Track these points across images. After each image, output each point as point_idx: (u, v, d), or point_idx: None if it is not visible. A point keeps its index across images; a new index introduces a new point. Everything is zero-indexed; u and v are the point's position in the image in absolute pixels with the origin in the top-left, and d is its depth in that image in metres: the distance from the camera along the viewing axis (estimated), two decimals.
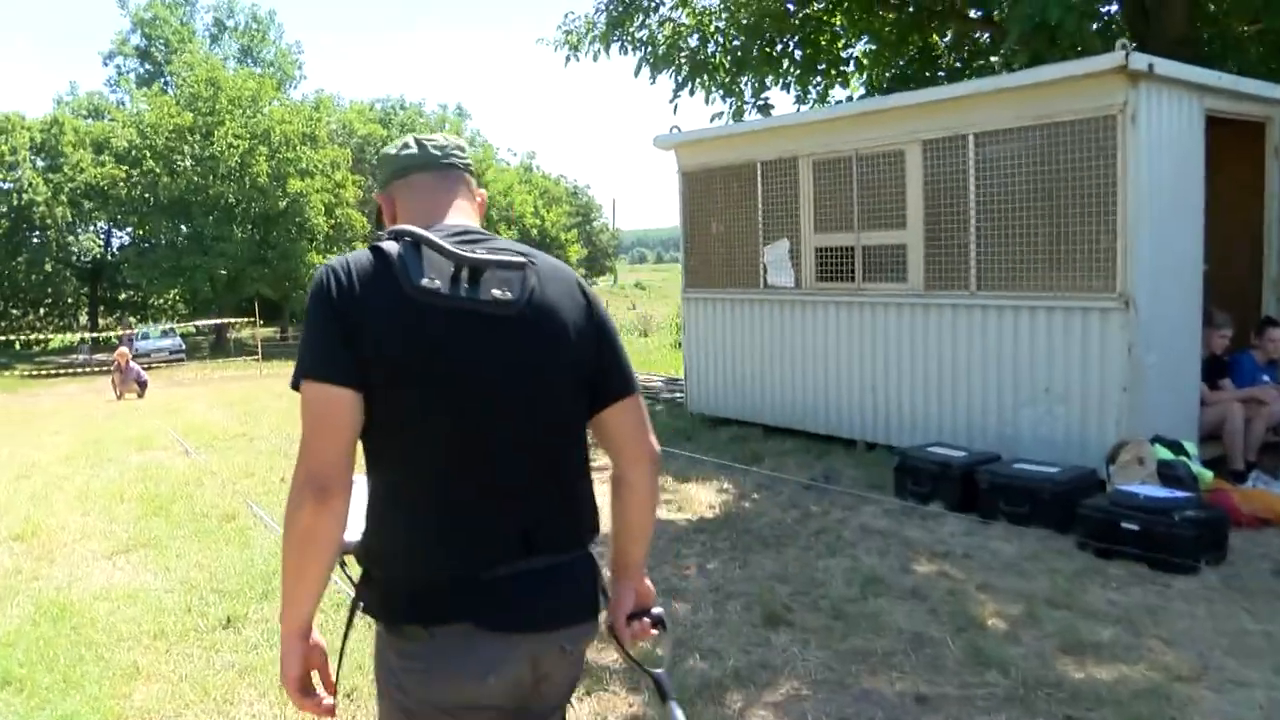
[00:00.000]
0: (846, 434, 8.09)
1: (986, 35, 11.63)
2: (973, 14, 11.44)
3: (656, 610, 2.00)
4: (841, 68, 12.97)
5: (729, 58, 12.40)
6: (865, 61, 12.95)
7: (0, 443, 11.32)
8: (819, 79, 12.98)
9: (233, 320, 35.80)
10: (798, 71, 12.69)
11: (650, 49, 12.33)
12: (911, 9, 11.68)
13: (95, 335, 36.36)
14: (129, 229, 41.23)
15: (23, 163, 37.92)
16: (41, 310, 43.02)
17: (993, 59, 11.58)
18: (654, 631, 1.99)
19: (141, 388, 17.90)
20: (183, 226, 37.47)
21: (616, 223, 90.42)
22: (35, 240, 39.37)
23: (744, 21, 12.13)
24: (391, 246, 1.72)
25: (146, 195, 36.91)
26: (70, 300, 43.77)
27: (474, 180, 1.96)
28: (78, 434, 11.75)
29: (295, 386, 1.68)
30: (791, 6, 12.08)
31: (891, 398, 7.69)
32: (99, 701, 3.79)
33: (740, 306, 9.06)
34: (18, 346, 33.90)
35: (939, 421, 7.31)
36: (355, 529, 1.76)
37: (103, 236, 43.39)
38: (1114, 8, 10.34)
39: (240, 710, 3.70)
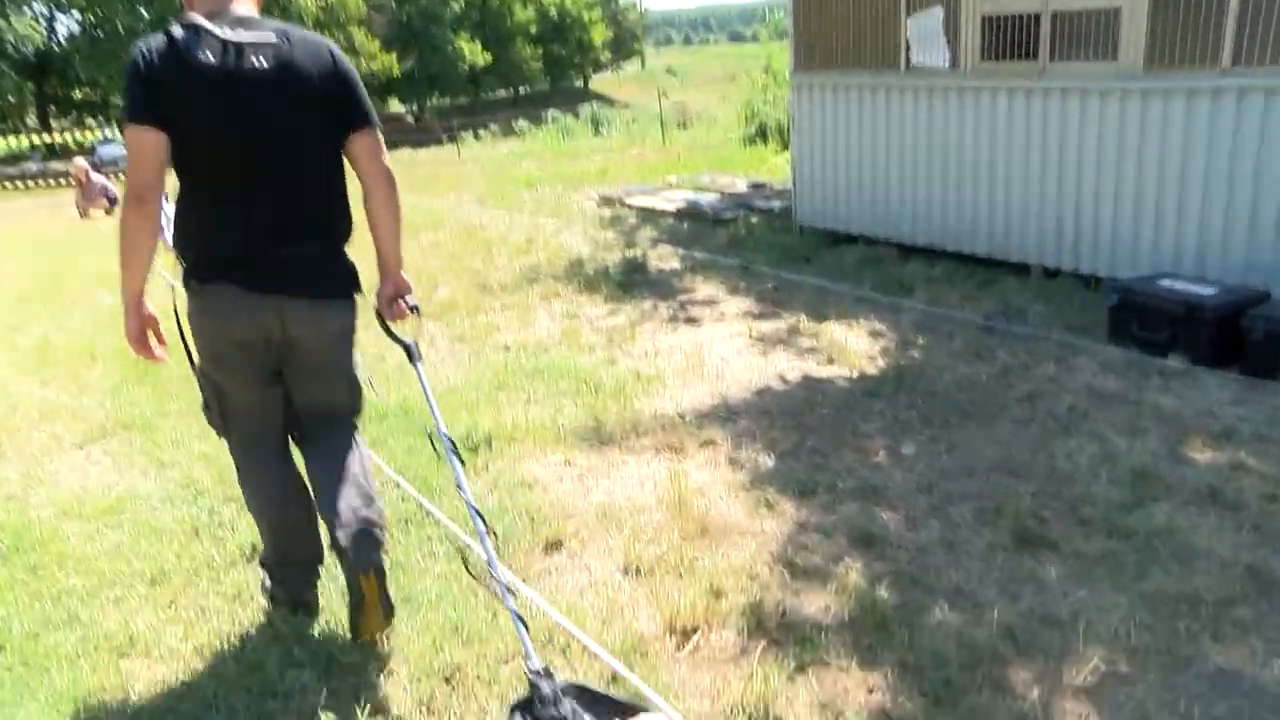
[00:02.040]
0: (1016, 257, 7.00)
1: None
2: None
3: (411, 300, 3.02)
4: None
5: None
6: None
7: None
8: None
9: None
10: None
11: None
12: None
13: (50, 142, 34.87)
14: (75, 12, 39.06)
15: None
16: None
17: None
18: (409, 313, 3.02)
19: (111, 203, 16.78)
20: (143, 10, 35.46)
21: (644, 2, 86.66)
22: None
23: None
24: (178, 31, 2.61)
25: None
26: (13, 100, 41.86)
27: None
28: (32, 267, 10.69)
29: (121, 130, 2.94)
30: None
31: (1085, 211, 6.51)
32: (73, 703, 2.85)
33: (872, 94, 7.79)
34: None
35: (1155, 243, 6.15)
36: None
37: (44, 22, 41.13)
38: None
39: (285, 708, 2.79)
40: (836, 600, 3.15)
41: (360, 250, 2.92)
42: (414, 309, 3.03)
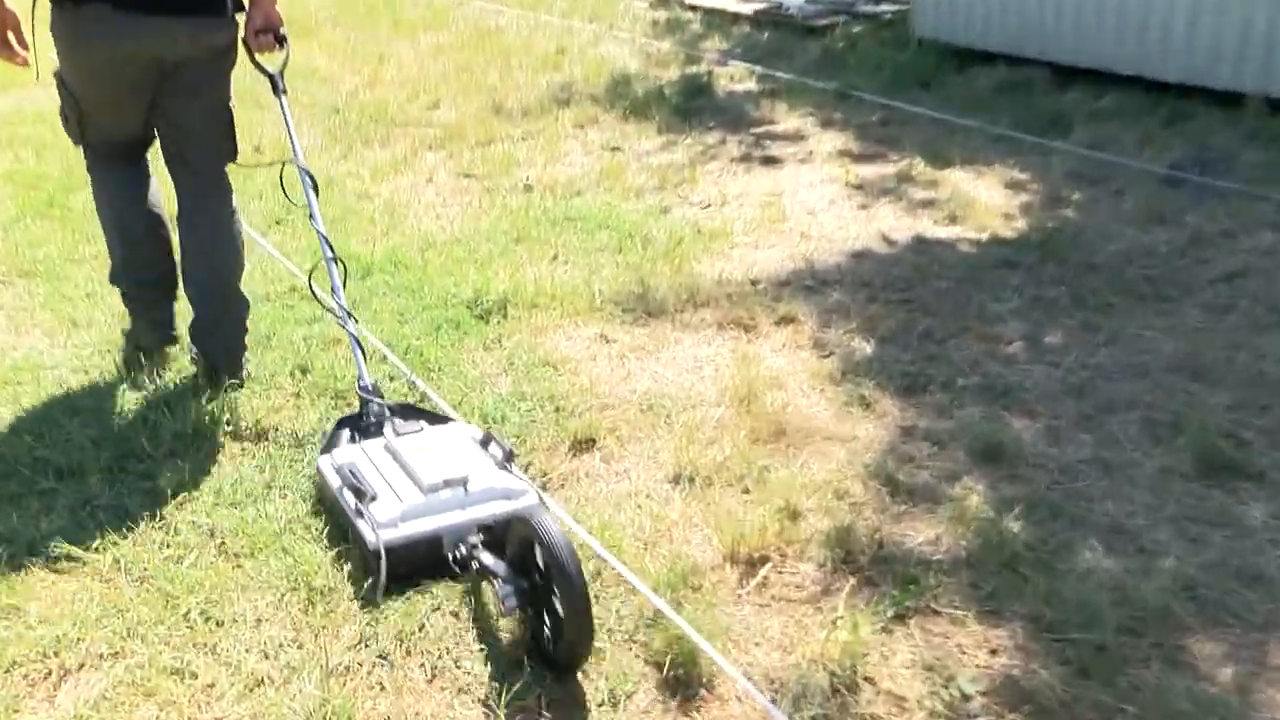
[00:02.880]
0: (1224, 84, 6.73)
1: None
2: None
3: (282, 31, 3.74)
4: None
5: None
6: None
7: None
8: None
9: None
10: None
11: None
12: None
13: None
14: None
15: None
16: None
17: None
18: (275, 45, 3.76)
19: None
20: None
21: None
22: None
23: None
24: None
25: None
26: None
27: None
28: None
29: None
30: None
31: None
32: None
33: None
34: None
35: None
36: None
37: None
38: None
39: (233, 641, 2.73)
40: (950, 531, 3.10)
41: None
42: (281, 40, 3.73)
